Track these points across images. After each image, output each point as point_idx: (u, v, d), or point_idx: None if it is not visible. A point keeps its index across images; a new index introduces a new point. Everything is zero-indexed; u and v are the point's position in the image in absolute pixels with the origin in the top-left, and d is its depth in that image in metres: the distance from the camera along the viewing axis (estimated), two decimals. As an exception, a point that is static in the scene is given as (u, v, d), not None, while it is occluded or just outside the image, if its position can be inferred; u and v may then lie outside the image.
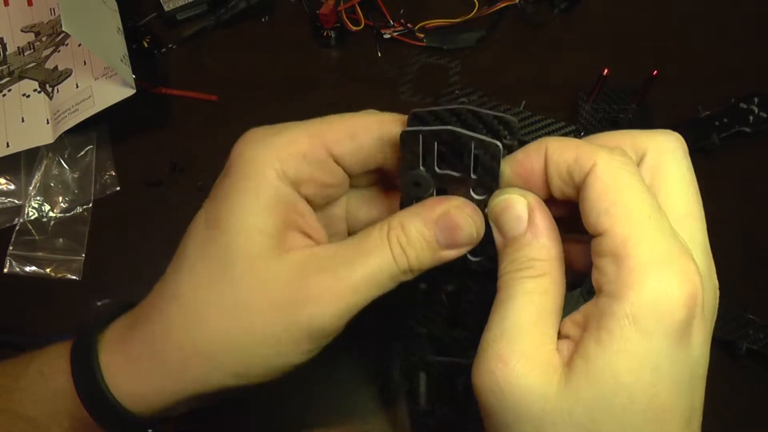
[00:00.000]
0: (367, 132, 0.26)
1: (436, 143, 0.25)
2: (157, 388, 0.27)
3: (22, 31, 0.53)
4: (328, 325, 0.25)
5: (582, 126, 0.51)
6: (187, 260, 0.26)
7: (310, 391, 0.44)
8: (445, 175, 0.26)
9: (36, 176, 0.50)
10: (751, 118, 0.52)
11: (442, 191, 0.26)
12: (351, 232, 0.30)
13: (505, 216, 0.25)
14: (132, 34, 0.53)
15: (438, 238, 0.25)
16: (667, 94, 0.52)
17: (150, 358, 0.26)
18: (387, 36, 0.56)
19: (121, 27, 0.50)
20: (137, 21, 0.56)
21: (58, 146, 0.50)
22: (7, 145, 0.48)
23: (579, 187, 0.23)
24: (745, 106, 0.52)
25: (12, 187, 0.50)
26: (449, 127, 0.24)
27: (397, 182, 0.27)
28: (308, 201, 0.27)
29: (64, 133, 0.48)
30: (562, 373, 0.22)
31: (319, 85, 0.55)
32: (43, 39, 0.53)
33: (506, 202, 0.25)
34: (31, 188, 0.50)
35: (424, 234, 0.25)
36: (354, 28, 0.55)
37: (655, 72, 0.49)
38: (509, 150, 0.25)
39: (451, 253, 0.26)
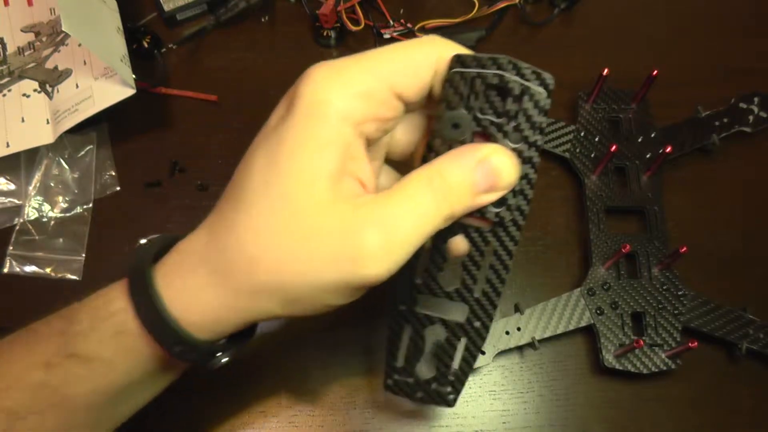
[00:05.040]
0: (426, 66, 0.27)
1: (482, 87, 0.25)
2: (214, 316, 0.28)
3: (22, 31, 0.53)
4: (377, 280, 0.26)
5: (582, 126, 0.51)
6: (246, 200, 0.26)
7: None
8: (485, 120, 0.26)
9: (36, 176, 0.50)
10: (751, 118, 0.52)
11: (477, 137, 0.27)
12: (388, 157, 0.31)
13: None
14: (132, 34, 0.53)
15: (477, 183, 0.26)
16: (667, 94, 0.52)
17: (211, 291, 0.27)
18: (387, 36, 0.56)
19: (121, 27, 0.50)
20: (137, 21, 0.56)
21: (58, 146, 0.50)
22: (7, 145, 0.48)
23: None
24: (745, 106, 0.52)
25: (12, 187, 0.50)
26: (500, 72, 0.25)
27: (431, 122, 0.27)
28: (366, 137, 0.28)
29: (64, 133, 0.48)
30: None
31: (319, 85, 0.55)
32: (43, 39, 0.53)
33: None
34: (31, 188, 0.50)
35: (464, 180, 0.26)
36: (354, 28, 0.55)
37: (655, 72, 0.49)
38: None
39: (489, 198, 0.27)
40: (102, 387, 0.30)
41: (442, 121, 0.27)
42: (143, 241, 0.30)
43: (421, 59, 0.27)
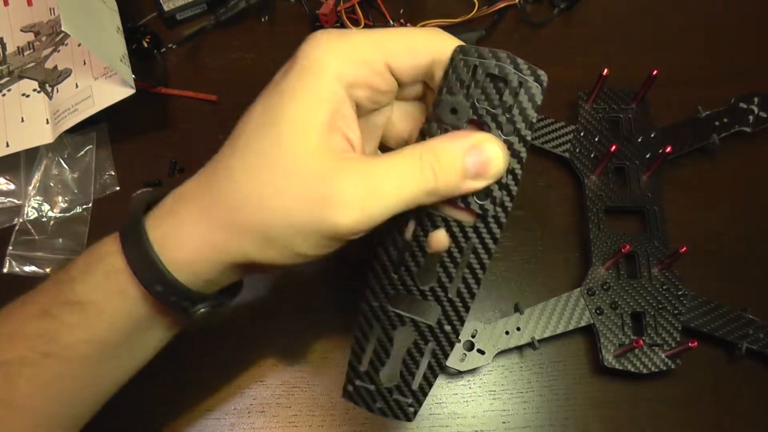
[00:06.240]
0: (425, 51, 0.28)
1: (482, 76, 0.26)
2: (195, 253, 0.28)
3: (21, 30, 0.53)
4: (347, 229, 0.26)
5: (582, 126, 0.51)
6: (240, 144, 0.28)
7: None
8: (481, 108, 0.27)
9: (36, 176, 0.50)
10: (751, 118, 0.52)
11: (471, 126, 0.28)
12: (384, 142, 0.32)
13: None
14: (132, 34, 0.53)
15: (467, 167, 0.27)
16: (667, 94, 0.52)
17: (193, 226, 0.28)
18: (387, 36, 0.56)
19: (120, 27, 0.50)
20: (137, 21, 0.56)
21: (57, 146, 0.50)
22: (7, 145, 0.48)
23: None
24: (745, 106, 0.52)
25: (12, 186, 0.50)
26: (501, 63, 0.26)
27: (430, 107, 0.28)
28: (357, 105, 0.29)
29: (64, 132, 0.48)
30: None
31: (319, 85, 0.55)
32: (43, 39, 0.53)
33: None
34: (30, 188, 0.50)
35: (455, 161, 0.27)
36: (354, 29, 0.55)
37: (655, 72, 0.49)
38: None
39: (475, 185, 0.27)
40: (95, 335, 0.30)
41: (441, 105, 0.27)
42: (138, 192, 0.32)
43: (421, 43, 0.28)
